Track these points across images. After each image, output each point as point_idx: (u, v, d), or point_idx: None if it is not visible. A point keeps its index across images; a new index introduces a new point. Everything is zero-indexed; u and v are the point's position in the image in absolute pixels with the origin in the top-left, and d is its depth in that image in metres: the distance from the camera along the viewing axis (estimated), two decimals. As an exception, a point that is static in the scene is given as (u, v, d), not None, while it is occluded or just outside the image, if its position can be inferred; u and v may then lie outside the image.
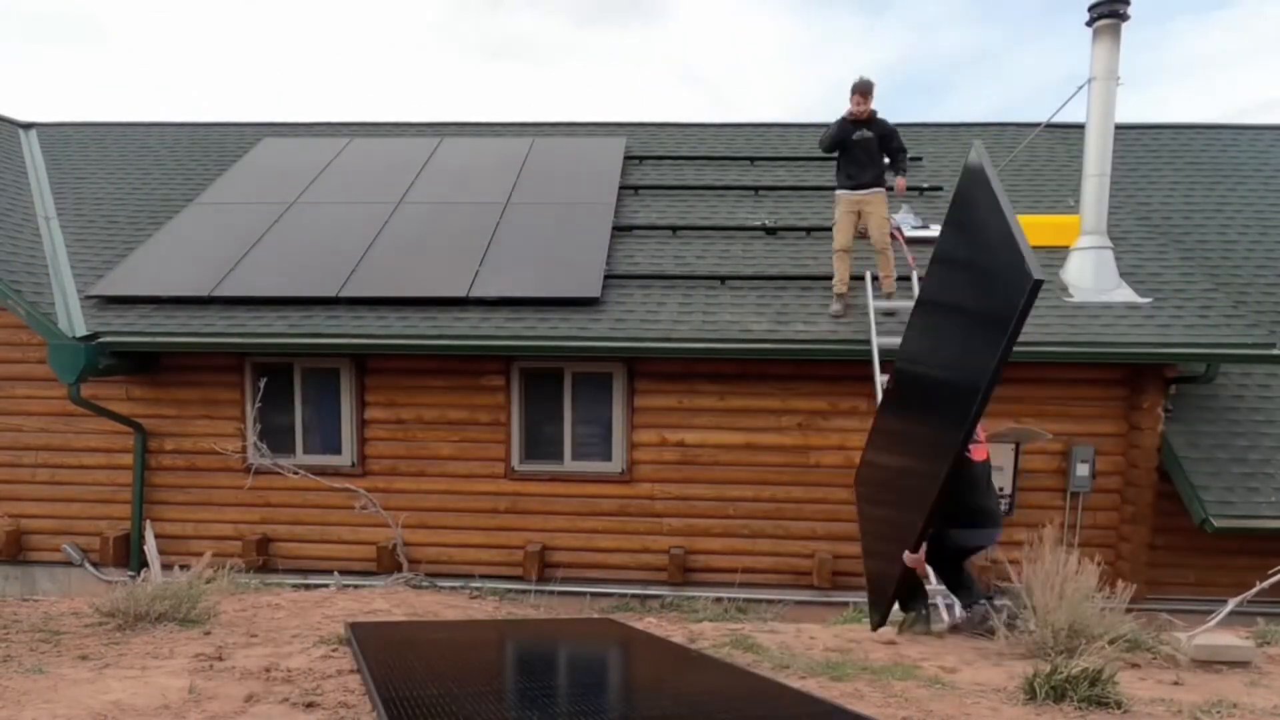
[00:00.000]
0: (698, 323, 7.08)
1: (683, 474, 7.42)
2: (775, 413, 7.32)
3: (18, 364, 7.73)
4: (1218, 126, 10.86)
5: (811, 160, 9.88)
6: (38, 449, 7.80)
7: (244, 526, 7.66)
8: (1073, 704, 2.83)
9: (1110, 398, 7.16)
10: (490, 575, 7.38)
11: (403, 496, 7.44)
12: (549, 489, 7.52)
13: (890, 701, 2.91)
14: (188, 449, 7.65)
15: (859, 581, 7.16)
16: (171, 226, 8.69)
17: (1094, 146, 7.29)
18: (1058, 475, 7.21)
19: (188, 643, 3.55)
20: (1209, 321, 6.92)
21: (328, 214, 8.74)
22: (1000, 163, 9.37)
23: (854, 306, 7.23)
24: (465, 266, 7.70)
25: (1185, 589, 7.15)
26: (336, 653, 3.44)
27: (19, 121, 11.02)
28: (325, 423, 7.63)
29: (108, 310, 7.43)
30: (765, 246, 8.18)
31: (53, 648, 3.50)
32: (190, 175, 10.03)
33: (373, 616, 4.70)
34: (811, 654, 3.68)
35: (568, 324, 7.08)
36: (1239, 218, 9.43)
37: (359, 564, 7.53)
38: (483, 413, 7.49)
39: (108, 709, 2.55)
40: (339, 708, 2.66)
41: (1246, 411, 7.43)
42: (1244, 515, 6.57)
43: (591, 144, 10.33)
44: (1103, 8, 7.06)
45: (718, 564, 7.39)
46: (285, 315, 7.28)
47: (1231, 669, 3.37)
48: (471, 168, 9.72)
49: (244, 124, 11.33)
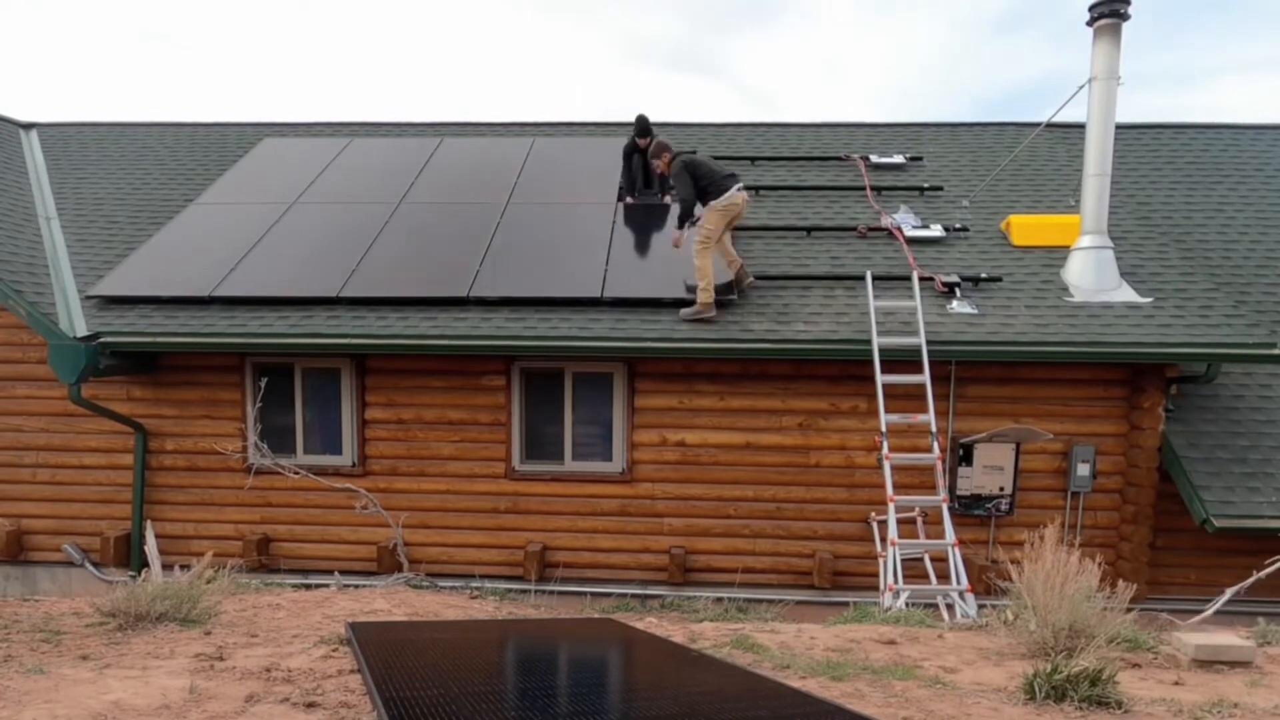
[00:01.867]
0: (697, 322, 7.07)
1: (683, 474, 7.43)
2: (775, 413, 7.32)
3: (18, 364, 7.73)
4: (1218, 126, 10.85)
5: (811, 160, 9.90)
6: (38, 449, 7.80)
7: (244, 526, 7.67)
8: (1073, 704, 2.83)
9: (1111, 397, 7.16)
10: (490, 575, 7.39)
11: (403, 496, 7.45)
12: (549, 489, 7.52)
13: (891, 701, 2.91)
14: (188, 449, 7.66)
15: (860, 581, 7.19)
16: (172, 226, 8.69)
17: (1094, 146, 7.29)
18: (1058, 475, 7.21)
19: (188, 643, 3.56)
20: (1210, 321, 6.92)
21: (328, 214, 8.74)
22: (1000, 163, 9.38)
23: (854, 306, 7.24)
24: (466, 266, 7.70)
25: (1186, 589, 7.15)
26: (337, 653, 3.45)
27: (20, 121, 11.03)
28: (326, 423, 7.63)
29: (108, 310, 7.44)
30: (765, 246, 8.18)
31: (53, 648, 3.50)
32: (191, 175, 10.04)
33: (373, 616, 4.71)
34: (812, 654, 3.68)
35: (568, 324, 7.08)
36: (1240, 217, 9.43)
37: (359, 564, 7.54)
38: (483, 413, 7.50)
39: (108, 709, 2.55)
40: (340, 708, 2.66)
41: (1247, 411, 7.43)
42: (1245, 515, 6.57)
43: (592, 144, 10.33)
44: (1103, 7, 7.05)
45: (718, 564, 7.39)
46: (286, 315, 7.29)
47: (1232, 669, 3.36)
48: (472, 168, 9.73)
49: (244, 124, 11.34)
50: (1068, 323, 6.92)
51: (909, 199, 8.89)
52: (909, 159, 9.74)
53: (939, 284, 7.38)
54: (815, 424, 7.31)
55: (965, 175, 9.44)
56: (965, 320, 7.04)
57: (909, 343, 6.77)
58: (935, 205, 8.85)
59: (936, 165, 9.67)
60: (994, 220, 8.48)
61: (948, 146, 10.14)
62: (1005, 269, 7.66)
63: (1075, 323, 6.92)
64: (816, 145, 10.35)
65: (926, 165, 9.68)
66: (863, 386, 7.05)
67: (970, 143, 10.25)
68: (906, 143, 10.27)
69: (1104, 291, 7.24)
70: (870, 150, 10.00)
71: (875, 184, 9.17)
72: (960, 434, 7.18)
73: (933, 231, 8.25)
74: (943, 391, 7.09)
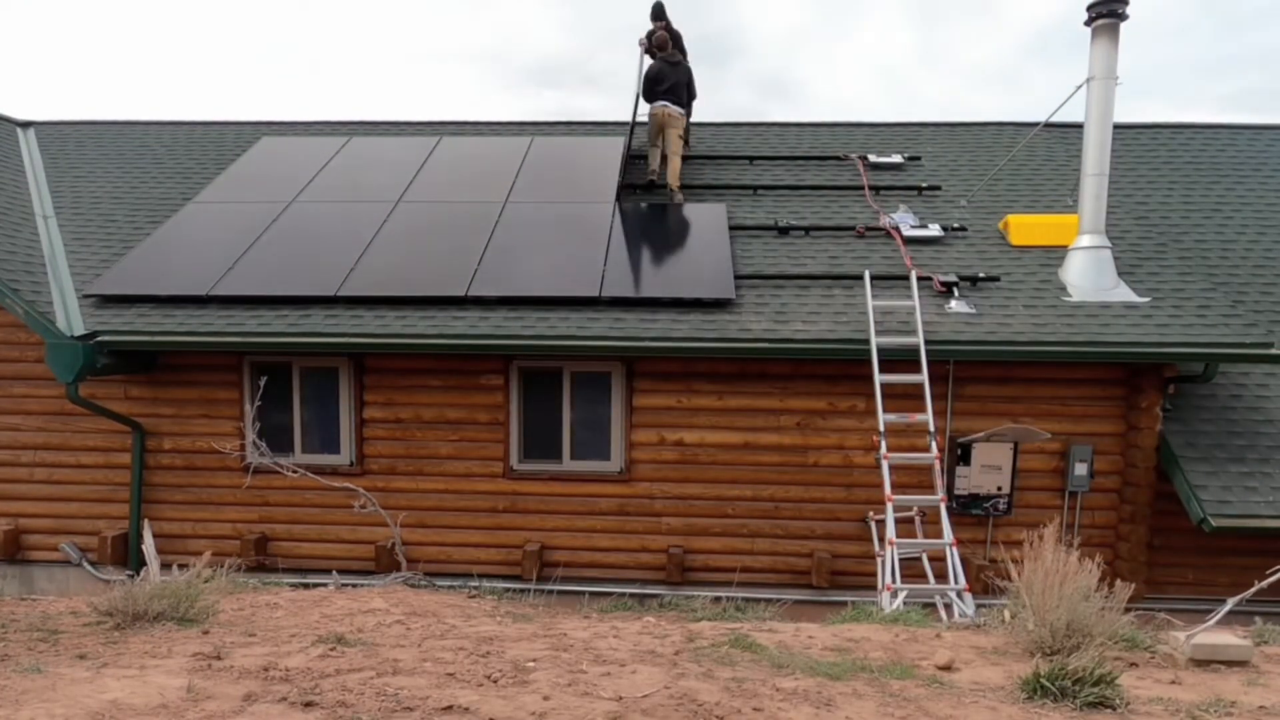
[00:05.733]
0: (696, 321, 7.07)
1: (681, 473, 7.43)
2: (774, 412, 7.32)
3: (15, 363, 7.72)
4: (1216, 126, 10.86)
5: (810, 160, 9.90)
6: (36, 448, 7.79)
7: (242, 526, 7.66)
8: (1072, 703, 2.84)
9: (1108, 397, 7.17)
10: (489, 575, 7.38)
11: (401, 496, 7.45)
12: (548, 488, 7.52)
13: (889, 701, 2.91)
14: (186, 448, 7.65)
15: (858, 581, 7.20)
16: (170, 225, 8.67)
17: (1093, 146, 7.30)
18: (1056, 475, 7.22)
19: (186, 642, 3.55)
20: (1207, 321, 6.93)
21: (326, 213, 8.73)
22: (999, 162, 9.39)
23: (852, 305, 7.24)
24: (464, 265, 7.70)
25: (1183, 588, 7.17)
26: (334, 652, 3.44)
27: (17, 120, 11.00)
28: (324, 422, 7.62)
29: (106, 309, 7.42)
30: (764, 245, 8.18)
31: (51, 647, 3.50)
32: (188, 174, 10.02)
33: (371, 616, 4.70)
34: (810, 653, 3.68)
35: (566, 323, 7.08)
36: (1237, 217, 9.45)
37: (357, 563, 7.53)
38: (481, 412, 7.49)
39: (106, 708, 2.55)
40: (337, 707, 2.65)
41: (1244, 411, 7.44)
42: (1242, 514, 6.58)
43: (591, 143, 10.32)
44: (1101, 7, 7.06)
45: (716, 563, 7.39)
46: (284, 314, 7.27)
47: (1230, 668, 3.37)
48: (470, 167, 9.71)
49: (242, 123, 11.32)
50: (1065, 322, 6.93)
51: (907, 198, 8.89)
52: (907, 158, 9.74)
53: (937, 283, 7.38)
54: (813, 423, 7.31)
55: (963, 175, 9.45)
56: (963, 320, 7.05)
57: (907, 342, 6.77)
58: (933, 205, 8.86)
59: (935, 165, 9.68)
60: (992, 220, 8.49)
61: (946, 146, 10.15)
62: (1003, 268, 7.67)
63: (1073, 322, 6.93)
64: (815, 145, 10.35)
65: (925, 165, 9.68)
66: (861, 386, 7.05)
67: (969, 142, 10.25)
68: (905, 142, 10.28)
69: (1102, 291, 7.25)
70: (869, 150, 10.00)
71: (873, 183, 9.17)
72: (958, 433, 7.19)
73: (931, 231, 8.26)
74: (941, 391, 7.09)
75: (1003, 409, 7.19)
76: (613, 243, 8.08)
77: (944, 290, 7.34)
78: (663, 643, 3.82)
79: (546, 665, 3.24)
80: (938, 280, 7.40)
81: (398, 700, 2.73)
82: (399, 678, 3.01)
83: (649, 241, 8.30)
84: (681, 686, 2.96)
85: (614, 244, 8.06)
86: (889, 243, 8.12)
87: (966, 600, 5.97)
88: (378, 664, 3.22)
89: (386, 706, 2.68)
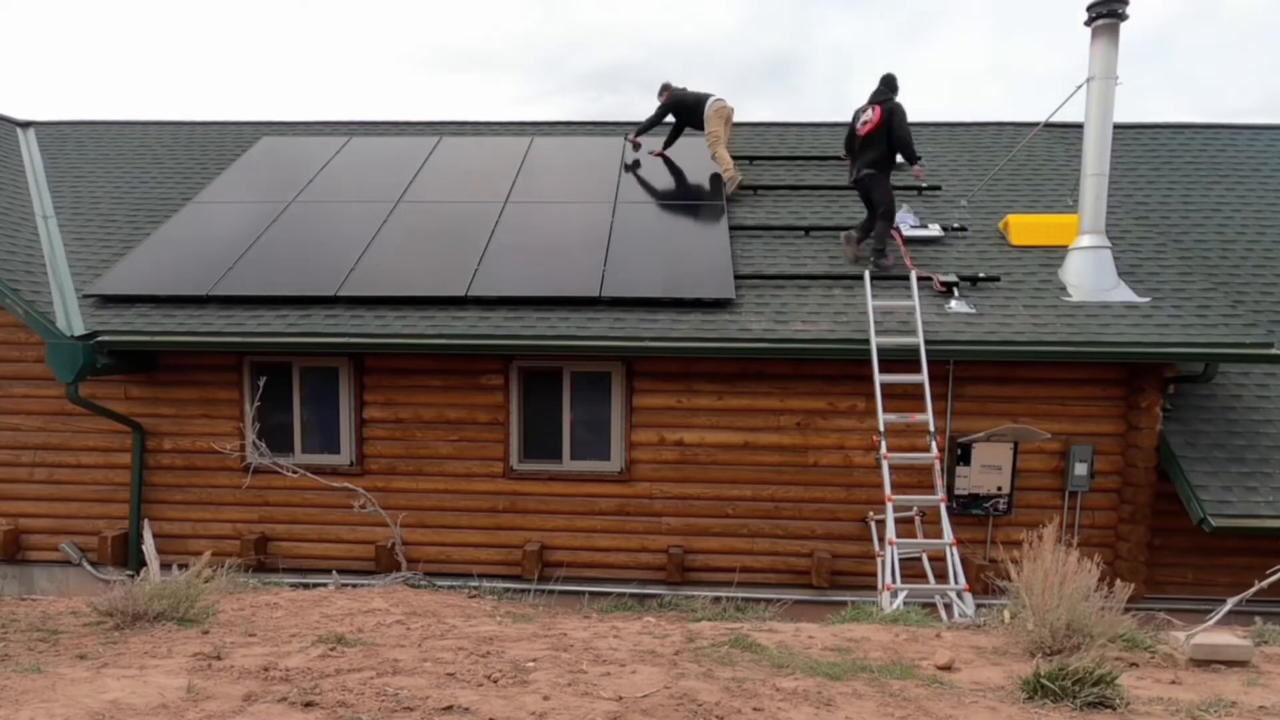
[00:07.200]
0: (696, 321, 7.07)
1: (681, 473, 7.43)
2: (774, 412, 7.32)
3: (15, 363, 7.72)
4: (1216, 126, 10.87)
5: (810, 160, 9.89)
6: (36, 448, 7.79)
7: (242, 526, 7.66)
8: (1072, 703, 2.83)
9: (1108, 397, 7.17)
10: (489, 574, 7.39)
11: (401, 496, 7.45)
12: (548, 488, 7.52)
13: (889, 701, 2.91)
14: (186, 448, 7.65)
15: (858, 581, 7.20)
16: (170, 225, 8.68)
17: (1093, 146, 7.29)
18: (1056, 475, 7.22)
19: (186, 642, 3.55)
20: (1207, 321, 6.92)
21: (326, 213, 8.73)
22: (999, 162, 9.39)
23: (852, 305, 7.24)
24: (464, 265, 7.70)
25: (1183, 588, 7.17)
26: (334, 652, 3.44)
27: (17, 120, 11.00)
28: (324, 422, 7.62)
29: (106, 309, 7.42)
30: (763, 245, 8.18)
31: (51, 647, 3.50)
32: (188, 174, 10.02)
33: (371, 616, 4.70)
34: (810, 653, 3.68)
35: (566, 323, 7.08)
36: (1237, 217, 9.45)
37: (358, 563, 7.53)
38: (481, 412, 7.49)
39: (106, 708, 2.55)
40: (337, 707, 2.65)
41: (1244, 411, 7.44)
42: (1242, 514, 6.58)
43: (591, 144, 10.32)
44: (1101, 7, 7.06)
45: (716, 563, 7.39)
46: (284, 314, 7.27)
47: (1230, 668, 3.37)
48: (470, 167, 9.72)
49: (242, 123, 11.32)
50: (1065, 322, 6.93)
51: (907, 198, 8.88)
52: (907, 158, 9.72)
53: (937, 283, 7.38)
54: (813, 423, 7.31)
55: (963, 175, 9.45)
56: (963, 320, 7.05)
57: (907, 342, 6.77)
58: (933, 205, 8.86)
59: (935, 165, 9.67)
60: (992, 220, 8.49)
61: (946, 146, 10.14)
62: (1003, 268, 7.67)
63: (1073, 322, 6.92)
64: (815, 145, 10.34)
65: (925, 165, 9.65)
66: (861, 386, 7.05)
67: (968, 142, 10.25)
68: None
69: (1102, 291, 7.25)
70: (869, 150, 9.97)
71: (873, 183, 9.14)
72: (958, 433, 7.19)
73: (931, 231, 8.26)
74: (941, 391, 7.09)
75: (1003, 409, 7.19)
76: (613, 243, 8.07)
77: (944, 290, 7.34)
78: (663, 643, 3.82)
79: (546, 665, 3.24)
80: (938, 280, 7.40)
81: (398, 700, 2.73)
82: (399, 678, 3.01)
83: (649, 241, 8.29)
84: (681, 686, 2.96)
85: (614, 244, 8.06)
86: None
87: (966, 600, 5.97)
88: (378, 664, 3.22)
89: (386, 706, 2.68)
